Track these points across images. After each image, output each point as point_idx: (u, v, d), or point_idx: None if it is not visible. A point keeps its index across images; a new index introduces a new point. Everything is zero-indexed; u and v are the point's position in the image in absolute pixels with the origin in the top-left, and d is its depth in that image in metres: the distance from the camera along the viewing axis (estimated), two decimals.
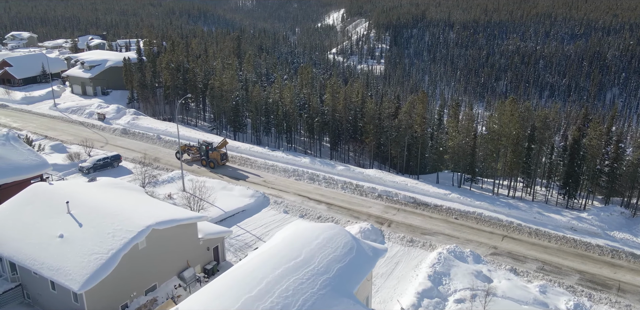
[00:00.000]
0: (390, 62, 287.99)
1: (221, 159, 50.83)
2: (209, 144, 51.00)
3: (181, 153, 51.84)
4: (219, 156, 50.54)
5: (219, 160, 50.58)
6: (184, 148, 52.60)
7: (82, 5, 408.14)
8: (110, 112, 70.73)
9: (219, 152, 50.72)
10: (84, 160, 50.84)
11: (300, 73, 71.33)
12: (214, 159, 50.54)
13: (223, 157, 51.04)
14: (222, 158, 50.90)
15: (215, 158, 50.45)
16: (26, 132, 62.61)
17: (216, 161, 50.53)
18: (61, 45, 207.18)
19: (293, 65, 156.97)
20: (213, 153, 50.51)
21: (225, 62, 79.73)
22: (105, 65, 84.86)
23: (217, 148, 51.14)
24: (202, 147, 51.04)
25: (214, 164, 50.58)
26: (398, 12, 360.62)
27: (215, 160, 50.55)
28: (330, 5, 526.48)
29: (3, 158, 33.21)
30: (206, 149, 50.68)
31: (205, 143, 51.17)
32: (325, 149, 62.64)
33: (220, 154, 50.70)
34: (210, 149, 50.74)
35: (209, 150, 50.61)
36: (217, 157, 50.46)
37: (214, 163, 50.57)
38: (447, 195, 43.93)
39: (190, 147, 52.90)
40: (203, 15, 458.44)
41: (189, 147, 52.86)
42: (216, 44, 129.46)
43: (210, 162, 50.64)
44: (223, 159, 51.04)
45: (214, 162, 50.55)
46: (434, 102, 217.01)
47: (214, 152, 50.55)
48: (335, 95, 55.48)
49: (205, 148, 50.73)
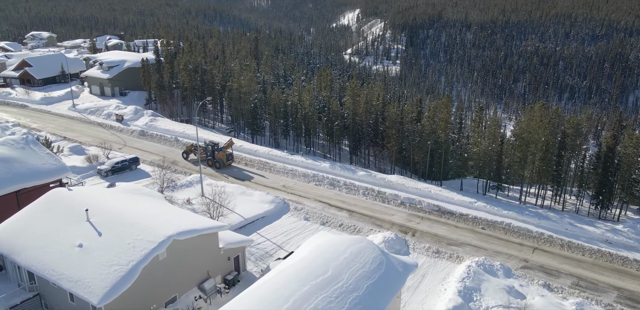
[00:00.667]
0: (406, 63, 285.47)
1: (227, 160, 51.01)
2: (215, 144, 51.32)
3: (187, 153, 52.84)
4: (224, 156, 50.70)
5: (224, 160, 50.69)
6: (190, 148, 53.07)
7: (100, 5, 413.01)
8: (128, 114, 70.51)
9: (224, 152, 50.85)
10: (102, 162, 50.44)
11: (319, 75, 70.24)
12: (220, 159, 50.79)
13: (229, 158, 51.26)
14: (227, 158, 51.09)
15: (221, 158, 50.74)
16: (45, 133, 62.65)
17: (222, 161, 50.74)
18: (80, 45, 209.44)
19: (309, 66, 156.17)
20: (219, 153, 50.75)
21: (243, 63, 79.06)
22: (123, 66, 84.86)
23: (223, 148, 51.34)
24: (209, 147, 51.37)
25: (220, 164, 50.71)
26: (414, 13, 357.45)
27: (221, 161, 50.80)
28: (345, 6, 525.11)
29: (22, 162, 32.72)
30: (212, 150, 51.03)
31: (212, 143, 51.46)
32: (344, 153, 61.48)
33: (226, 155, 50.84)
34: (217, 149, 51.03)
35: (215, 151, 50.92)
36: (223, 158, 50.64)
37: (220, 163, 50.73)
38: (473, 204, 42.42)
39: (196, 148, 52.68)
40: (219, 15, 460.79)
41: (195, 147, 52.94)
42: (233, 45, 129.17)
43: (216, 162, 50.92)
44: (229, 160, 51.27)
45: (219, 163, 50.73)
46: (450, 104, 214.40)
47: (219, 152, 50.78)
48: (355, 99, 54.26)
49: (212, 148, 51.08)
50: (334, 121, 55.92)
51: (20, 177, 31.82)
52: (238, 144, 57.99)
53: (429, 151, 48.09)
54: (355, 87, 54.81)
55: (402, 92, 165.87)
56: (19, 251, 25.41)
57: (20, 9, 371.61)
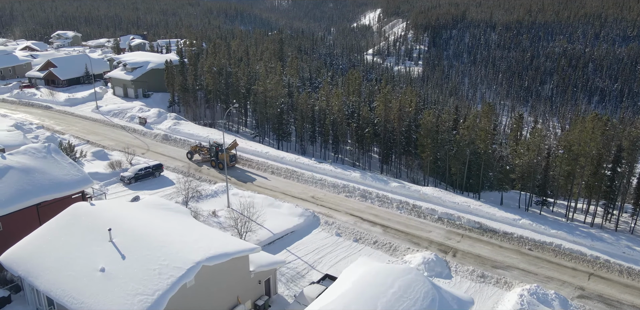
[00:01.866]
0: (428, 64, 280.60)
1: (230, 161, 50.81)
2: (219, 145, 51.16)
3: (192, 153, 53.22)
4: (227, 158, 50.27)
5: (227, 161, 50.28)
6: (195, 148, 53.29)
7: (124, 5, 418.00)
8: (152, 116, 69.17)
9: (228, 153, 50.48)
10: (126, 169, 48.91)
11: (347, 79, 67.69)
12: (223, 160, 50.05)
13: (232, 159, 51.17)
14: (231, 159, 50.96)
15: (224, 159, 49.62)
16: (68, 136, 61.70)
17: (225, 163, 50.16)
18: (104, 45, 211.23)
19: (332, 67, 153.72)
20: (222, 154, 50.36)
21: (268, 65, 77.05)
22: (147, 67, 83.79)
23: (227, 149, 50.91)
24: (212, 148, 51.34)
25: (223, 165, 50.04)
26: (437, 13, 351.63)
27: (224, 162, 49.61)
28: (366, 5, 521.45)
29: (44, 173, 31.08)
30: (216, 150, 50.89)
31: (216, 144, 51.48)
32: (374, 161, 58.84)
33: (229, 156, 50.65)
34: (220, 150, 50.62)
35: (219, 152, 50.70)
36: (226, 159, 50.01)
37: (223, 164, 50.02)
38: (517, 221, 39.38)
39: (201, 148, 53.31)
40: (240, 14, 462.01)
41: (200, 147, 53.23)
42: (256, 46, 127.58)
43: (219, 163, 50.73)
44: (232, 161, 51.16)
45: (222, 163, 50.18)
46: (474, 106, 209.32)
47: (223, 153, 50.14)
48: (387, 105, 51.58)
49: (215, 149, 50.96)
50: (364, 128, 53.34)
51: (41, 189, 30.17)
52: (263, 150, 55.98)
53: (467, 162, 45.16)
54: (388, 93, 52.07)
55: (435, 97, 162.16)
56: (37, 273, 23.63)
57: (47, 8, 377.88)
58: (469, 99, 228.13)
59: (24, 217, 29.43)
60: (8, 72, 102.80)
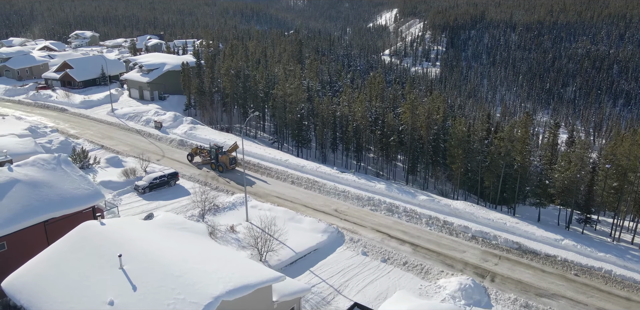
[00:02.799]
0: (446, 65, 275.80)
1: (230, 163, 50.18)
2: (219, 147, 50.93)
3: (192, 156, 52.78)
4: (227, 160, 49.89)
5: (227, 164, 49.94)
6: (195, 150, 52.82)
7: (141, 5, 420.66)
8: (167, 120, 67.26)
9: (228, 156, 50.07)
10: (140, 177, 46.88)
11: (370, 83, 64.90)
12: (223, 162, 50.09)
13: (232, 162, 50.37)
14: (231, 162, 50.25)
15: (224, 162, 50.09)
16: (82, 140, 60.09)
17: (225, 165, 50.07)
18: (121, 45, 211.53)
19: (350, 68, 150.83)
20: (222, 157, 50.11)
21: (286, 68, 74.63)
22: (163, 69, 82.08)
23: (228, 152, 50.61)
24: (212, 150, 50.83)
25: (223, 168, 50.01)
26: (455, 13, 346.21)
27: (224, 164, 50.15)
28: (382, 5, 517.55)
29: (52, 187, 29.00)
30: (216, 153, 50.45)
31: (216, 146, 51.11)
32: (398, 169, 55.96)
33: (229, 158, 50.05)
34: (220, 152, 50.36)
35: (219, 154, 50.26)
36: (226, 161, 49.91)
37: (223, 167, 50.06)
38: (559, 242, 36.22)
39: (202, 150, 52.71)
40: (256, 14, 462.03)
41: (200, 149, 52.68)
42: (273, 47, 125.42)
43: (219, 166, 50.27)
44: (232, 163, 50.42)
45: (222, 166, 50.06)
46: (494, 109, 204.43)
47: (223, 155, 50.12)
48: (414, 112, 48.66)
49: (216, 151, 50.51)
50: (389, 136, 50.50)
51: (50, 204, 28.08)
52: (283, 158, 53.52)
53: (502, 175, 42.06)
54: (415, 99, 49.12)
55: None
56: (41, 304, 21.44)
57: (66, 8, 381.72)
58: (488, 101, 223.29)
59: (31, 236, 27.37)
60: (25, 73, 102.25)
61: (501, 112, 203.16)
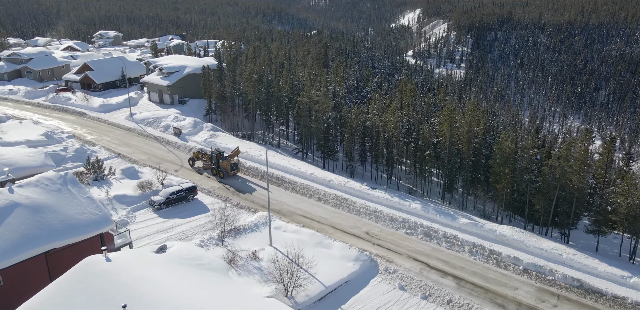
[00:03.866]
0: (471, 67, 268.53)
1: (231, 169, 48.29)
2: (220, 152, 48.99)
3: (194, 160, 51.12)
4: (228, 166, 48.03)
5: (228, 170, 48.10)
6: (197, 155, 50.96)
7: (164, 5, 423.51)
8: (187, 127, 64.34)
9: (229, 161, 48.24)
10: (157, 191, 43.78)
11: (401, 89, 60.71)
12: (224, 168, 48.23)
13: (233, 167, 48.47)
14: (232, 168, 48.35)
15: (225, 168, 48.16)
16: (99, 147, 57.53)
17: (225, 171, 48.18)
18: (143, 45, 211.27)
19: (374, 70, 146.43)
20: (223, 162, 48.22)
21: (311, 72, 70.95)
22: (183, 72, 79.38)
23: (230, 157, 48.87)
24: (214, 155, 48.89)
25: (224, 173, 48.22)
26: (481, 13, 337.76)
27: (224, 170, 48.21)
28: (404, 5, 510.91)
29: (56, 212, 25.89)
30: (217, 158, 48.46)
31: (217, 151, 49.21)
32: (432, 184, 51.66)
33: (230, 164, 48.10)
34: (222, 157, 48.44)
35: (220, 159, 48.35)
36: (227, 167, 48.04)
37: (224, 173, 48.24)
38: (627, 279, 31.61)
39: (203, 154, 50.84)
40: (277, 14, 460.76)
41: (202, 153, 50.88)
42: (296, 48, 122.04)
43: (220, 172, 48.40)
44: (233, 169, 48.51)
45: (223, 172, 48.24)
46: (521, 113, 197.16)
47: (224, 161, 48.23)
48: (453, 124, 44.34)
49: (217, 156, 48.52)
50: (424, 149, 46.29)
51: (52, 233, 24.96)
52: (308, 171, 49.84)
53: (555, 198, 37.51)
54: (454, 111, 44.75)
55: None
56: None
57: (92, 8, 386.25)
58: (514, 105, 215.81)
59: (30, 269, 24.30)
60: (46, 74, 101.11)
61: (530, 116, 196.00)
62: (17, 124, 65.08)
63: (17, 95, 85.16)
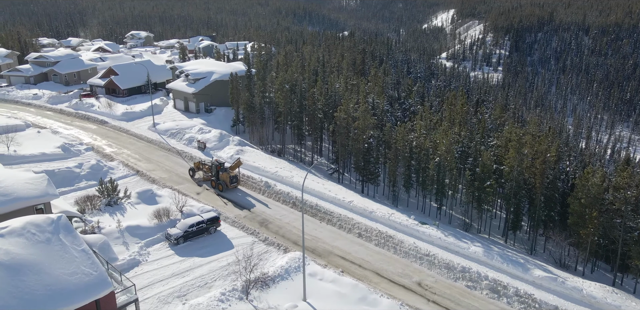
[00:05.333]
0: (509, 70, 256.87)
1: (231, 182, 45.62)
2: (220, 163, 46.36)
3: (194, 171, 48.66)
4: (228, 178, 45.27)
5: (227, 182, 45.48)
6: (198, 165, 48.60)
7: (196, 5, 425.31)
8: (212, 140, 59.16)
9: (229, 173, 45.54)
10: (174, 221, 38.47)
11: (450, 103, 53.73)
12: (223, 181, 45.57)
13: (233, 180, 45.76)
14: (231, 181, 45.63)
15: (224, 180, 45.50)
16: (117, 163, 52.89)
17: (224, 184, 45.60)
18: (174, 46, 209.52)
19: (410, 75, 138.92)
20: (223, 174, 45.51)
21: (348, 81, 64.70)
22: (210, 78, 74.46)
23: (230, 169, 46.37)
24: (214, 166, 46.13)
25: (222, 186, 45.50)
26: (520, 14, 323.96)
27: (223, 183, 45.60)
28: (437, 5, 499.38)
29: (41, 273, 20.54)
30: (217, 169, 45.76)
31: (217, 162, 46.59)
32: (491, 216, 44.49)
33: (229, 176, 45.33)
34: (222, 169, 45.74)
35: (220, 171, 45.64)
36: (226, 180, 45.34)
37: (223, 186, 45.54)
38: None
39: (204, 165, 48.36)
40: (308, 15, 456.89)
41: (203, 164, 48.45)
42: (329, 51, 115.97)
43: (219, 184, 45.68)
44: (233, 182, 45.83)
45: (222, 185, 45.53)
46: (564, 120, 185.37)
47: (224, 173, 45.52)
48: (521, 151, 37.26)
49: (217, 168, 45.77)
50: (484, 179, 39.36)
51: (33, 303, 19.56)
52: (346, 198, 43.64)
53: None
54: (524, 136, 37.51)
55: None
56: None
57: (126, 8, 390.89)
58: (556, 112, 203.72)
59: None
60: (73, 78, 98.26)
61: (574, 123, 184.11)
62: (35, 134, 61.40)
63: (41, 101, 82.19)
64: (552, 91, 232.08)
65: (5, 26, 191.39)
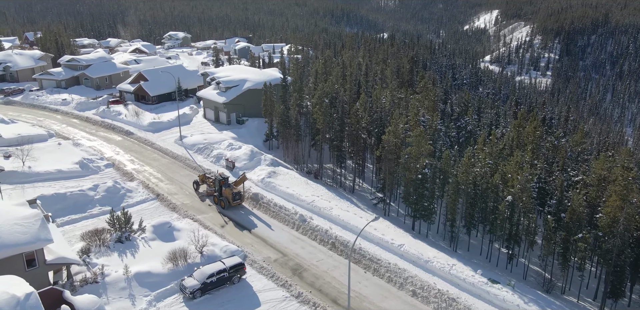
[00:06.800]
0: (559, 75, 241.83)
1: (233, 199, 42.15)
2: (224, 178, 43.16)
3: (198, 184, 45.85)
4: (230, 195, 41.89)
5: (230, 199, 42.09)
6: (202, 178, 45.64)
7: (234, 5, 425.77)
8: (242, 158, 53.26)
9: (232, 189, 42.14)
10: (193, 266, 32.51)
11: (517, 124, 45.61)
12: (226, 197, 42.25)
13: (236, 197, 42.35)
14: (234, 198, 42.19)
15: (227, 196, 42.16)
16: (137, 184, 47.66)
17: (227, 201, 42.23)
18: (210, 47, 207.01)
19: (455, 82, 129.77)
20: (226, 190, 42.28)
21: (395, 95, 57.45)
22: (243, 87, 68.80)
23: (234, 184, 43.33)
24: (217, 181, 42.88)
25: (225, 203, 42.20)
26: (571, 15, 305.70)
27: (226, 200, 42.25)
28: (480, 6, 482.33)
29: None
30: (220, 185, 42.64)
31: (221, 177, 43.28)
32: (575, 276, 36.32)
33: (232, 193, 41.87)
34: (225, 184, 42.67)
35: (222, 186, 42.57)
36: (229, 196, 42.01)
37: (225, 202, 42.21)
38: None
39: (208, 178, 45.20)
40: (346, 15, 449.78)
41: (207, 177, 45.44)
42: (369, 55, 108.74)
43: (221, 201, 42.47)
44: (236, 199, 42.43)
45: (224, 202, 42.22)
46: (621, 129, 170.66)
47: (227, 189, 42.28)
48: (628, 200, 29.12)
49: (220, 183, 42.63)
50: (573, 230, 31.39)
51: None
52: (396, 240, 36.50)
53: None
54: (631, 180, 29.25)
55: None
56: None
57: (166, 8, 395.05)
58: (614, 120, 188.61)
59: None
60: (104, 82, 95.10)
61: (634, 134, 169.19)
62: (54, 146, 57.34)
63: (69, 107, 78.88)
64: (608, 99, 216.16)
65: (50, 26, 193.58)
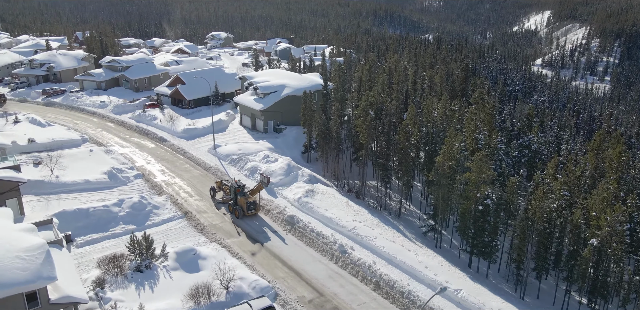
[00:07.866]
0: (619, 81, 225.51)
1: (248, 209, 40.80)
2: (240, 186, 41.50)
3: (214, 190, 44.65)
4: (245, 204, 40.57)
5: (245, 209, 40.73)
6: (219, 184, 44.53)
7: (277, 5, 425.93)
8: (277, 173, 49.10)
9: (247, 198, 40.87)
10: (217, 305, 28.41)
11: (596, 147, 39.07)
12: (240, 206, 40.99)
13: (251, 207, 40.93)
14: (249, 207, 40.82)
15: (242, 205, 40.86)
16: (165, 199, 44.41)
17: (241, 210, 40.90)
18: (252, 47, 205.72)
19: (507, 88, 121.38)
20: (241, 199, 40.90)
21: (448, 107, 51.79)
22: (281, 93, 64.87)
23: (250, 193, 41.93)
24: (233, 188, 41.41)
25: (239, 213, 40.87)
26: (633, 17, 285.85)
27: (240, 209, 40.93)
28: (530, 6, 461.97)
29: None
30: (235, 193, 41.23)
31: (237, 184, 41.63)
32: None
33: (247, 202, 40.55)
34: (240, 193, 41.13)
35: (238, 195, 41.12)
36: (243, 205, 40.70)
37: (239, 212, 40.89)
38: None
39: (225, 186, 43.74)
40: (389, 16, 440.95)
41: (224, 185, 43.93)
42: (415, 59, 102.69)
43: (236, 210, 41.04)
44: (251, 209, 41.00)
45: (239, 211, 40.89)
46: None
47: (242, 197, 40.88)
48: None
49: (235, 191, 41.20)
50: None
51: None
52: (454, 282, 31.14)
53: None
54: None
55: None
56: None
57: (211, 8, 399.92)
58: None
59: None
60: (143, 84, 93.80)
61: None
62: (86, 153, 55.33)
63: (106, 109, 77.55)
64: None
65: (99, 26, 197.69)
